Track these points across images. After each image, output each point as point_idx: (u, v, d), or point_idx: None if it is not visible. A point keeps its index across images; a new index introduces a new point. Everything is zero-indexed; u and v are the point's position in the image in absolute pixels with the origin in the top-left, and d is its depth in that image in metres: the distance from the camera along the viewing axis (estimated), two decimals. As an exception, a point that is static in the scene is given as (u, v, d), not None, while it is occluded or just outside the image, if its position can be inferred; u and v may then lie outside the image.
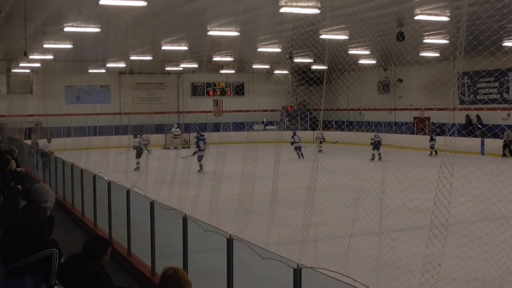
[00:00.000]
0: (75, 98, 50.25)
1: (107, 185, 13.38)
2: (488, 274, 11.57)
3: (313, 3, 19.91)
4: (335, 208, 18.36)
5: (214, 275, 8.92)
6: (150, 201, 10.22)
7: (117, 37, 25.28)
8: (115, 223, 12.78)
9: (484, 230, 14.41)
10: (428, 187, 16.64)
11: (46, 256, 8.53)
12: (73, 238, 14.53)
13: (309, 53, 36.13)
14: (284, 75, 50.43)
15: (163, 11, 21.88)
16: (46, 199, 8.94)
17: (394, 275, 11.71)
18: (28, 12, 20.78)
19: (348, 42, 30.05)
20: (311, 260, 11.35)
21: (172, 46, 32.73)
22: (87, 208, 15.92)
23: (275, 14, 19.92)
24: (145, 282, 10.22)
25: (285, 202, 18.04)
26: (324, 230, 15.65)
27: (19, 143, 30.87)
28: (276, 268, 6.33)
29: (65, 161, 19.54)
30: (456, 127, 21.36)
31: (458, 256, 12.26)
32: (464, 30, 9.62)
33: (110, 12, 20.27)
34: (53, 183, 20.06)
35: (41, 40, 27.19)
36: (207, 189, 17.13)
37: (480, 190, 17.08)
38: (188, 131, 47.97)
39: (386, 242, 12.50)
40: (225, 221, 15.23)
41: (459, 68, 27.31)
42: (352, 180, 17.29)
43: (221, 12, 22.86)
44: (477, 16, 18.40)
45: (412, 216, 16.40)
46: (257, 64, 43.84)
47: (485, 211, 16.57)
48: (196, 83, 54.27)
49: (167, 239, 10.93)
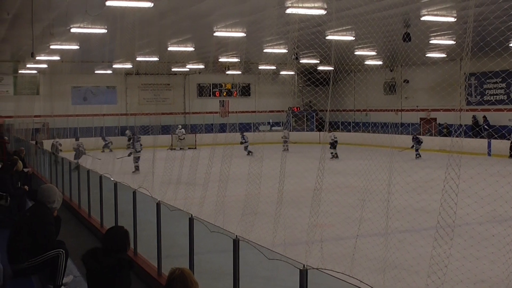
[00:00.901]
0: (81, 99, 50.33)
1: (113, 185, 13.39)
2: (495, 275, 11.54)
3: (319, 4, 19.91)
4: (341, 209, 18.35)
5: (221, 276, 8.92)
6: (157, 201, 10.22)
7: (123, 38, 25.30)
8: (122, 223, 12.73)
9: (491, 232, 14.40)
10: (434, 188, 16.63)
11: (53, 257, 8.57)
12: (80, 238, 14.57)
13: (315, 54, 36.08)
14: (290, 76, 50.40)
15: (170, 12, 21.89)
16: (54, 199, 8.97)
17: (400, 276, 11.69)
18: (35, 13, 20.82)
19: (355, 43, 30.03)
20: (317, 261, 11.34)
21: (178, 47, 32.75)
22: (94, 208, 15.93)
23: (281, 15, 19.92)
24: (151, 283, 10.23)
25: (291, 203, 18.04)
26: (330, 231, 15.63)
27: (26, 144, 30.92)
28: (282, 269, 6.33)
29: (72, 161, 19.59)
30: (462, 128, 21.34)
31: (464, 257, 12.24)
32: (471, 31, 9.60)
33: (117, 13, 20.28)
34: (60, 184, 20.10)
35: (48, 41, 27.25)
36: (213, 190, 17.13)
37: (487, 192, 17.05)
38: (194, 132, 48.00)
39: (392, 243, 12.47)
40: (231, 222, 15.24)
41: (465, 69, 27.33)
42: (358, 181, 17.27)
43: (227, 13, 22.87)
44: (484, 17, 18.37)
45: (419, 217, 16.38)
46: (263, 65, 43.82)
47: (492, 212, 16.55)
48: (202, 84, 54.32)
49: (174, 239, 10.93)
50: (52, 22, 23.37)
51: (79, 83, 48.95)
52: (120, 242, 6.85)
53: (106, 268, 6.55)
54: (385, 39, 28.07)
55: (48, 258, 8.56)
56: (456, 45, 29.94)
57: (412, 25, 25.45)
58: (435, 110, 43.99)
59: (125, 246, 6.89)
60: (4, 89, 47.55)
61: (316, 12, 20.37)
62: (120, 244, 6.83)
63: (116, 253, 6.69)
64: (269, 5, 19.35)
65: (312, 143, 46.01)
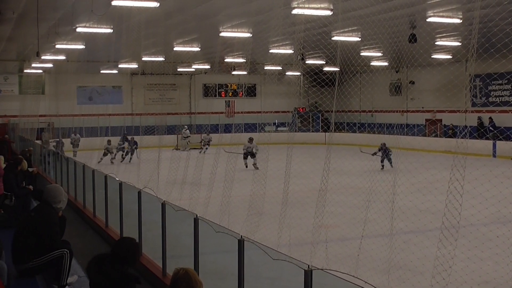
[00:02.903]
0: (87, 98, 50.41)
1: (118, 185, 13.41)
2: (499, 276, 11.53)
3: (325, 4, 19.91)
4: (346, 210, 18.35)
5: (225, 276, 8.94)
6: (162, 202, 10.23)
7: (129, 38, 25.36)
8: (127, 223, 12.81)
9: (495, 233, 14.38)
10: (439, 189, 16.60)
11: (57, 257, 8.58)
12: (85, 238, 14.61)
13: (321, 55, 36.10)
14: (296, 76, 50.47)
15: (176, 12, 21.91)
16: (59, 200, 8.98)
17: (405, 277, 11.69)
18: (41, 13, 20.87)
19: (360, 44, 30.03)
20: (322, 262, 11.34)
21: (184, 47, 32.77)
22: (99, 208, 15.96)
23: (287, 16, 19.91)
24: (156, 283, 10.25)
25: (296, 203, 18.04)
26: (335, 231, 15.64)
27: (31, 143, 30.97)
28: (287, 270, 6.33)
29: (77, 161, 19.61)
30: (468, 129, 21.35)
31: (469, 258, 12.23)
32: (476, 33, 9.59)
33: (123, 13, 20.33)
34: (65, 184, 20.14)
35: (54, 41, 27.29)
36: (218, 190, 17.13)
37: (492, 193, 17.04)
38: (200, 132, 48.02)
39: (397, 244, 12.46)
40: (236, 222, 15.23)
41: (471, 71, 27.27)
42: (364, 182, 17.28)
43: (233, 14, 22.89)
44: (489, 18, 18.35)
45: (424, 218, 16.37)
46: (269, 65, 43.84)
47: (497, 213, 16.53)
48: (208, 84, 54.35)
49: (178, 240, 10.95)
50: (58, 22, 23.40)
51: (84, 82, 48.99)
52: (129, 254, 6.70)
53: (111, 282, 6.42)
54: (391, 40, 28.05)
55: (53, 258, 8.57)
56: (462, 46, 29.91)
57: (418, 26, 25.44)
58: (440, 111, 43.98)
59: (134, 259, 6.80)
60: (9, 88, 47.67)
61: (322, 13, 20.37)
62: (130, 256, 6.70)
63: (123, 265, 6.57)
64: (275, 6, 19.32)
65: (318, 144, 45.97)
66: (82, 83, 48.80)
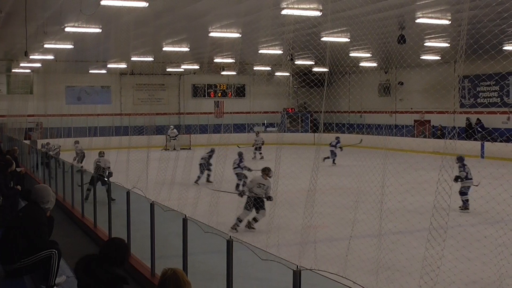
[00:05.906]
0: (75, 98, 50.24)
1: (107, 186, 13.39)
2: (487, 277, 11.57)
3: (314, 5, 19.93)
4: (335, 210, 18.37)
5: (214, 277, 8.93)
6: (150, 202, 10.22)
7: (118, 37, 25.29)
8: (115, 224, 12.79)
9: (483, 233, 14.44)
10: (428, 190, 16.63)
11: (45, 257, 8.54)
12: (73, 239, 14.57)
13: (310, 55, 36.16)
14: (285, 77, 50.49)
15: (165, 12, 21.87)
16: (47, 200, 8.93)
17: (393, 278, 11.72)
18: (29, 12, 20.77)
19: (349, 44, 30.07)
20: (311, 262, 11.36)
21: (173, 47, 32.70)
22: (87, 208, 15.93)
23: (277, 16, 19.94)
24: (144, 283, 10.24)
25: (285, 204, 18.06)
26: (324, 232, 15.65)
27: (19, 143, 30.87)
28: (275, 270, 6.33)
29: (65, 161, 19.56)
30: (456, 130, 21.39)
31: (457, 259, 12.27)
32: (465, 34, 9.63)
33: (111, 13, 20.28)
34: (53, 184, 20.07)
35: (42, 40, 27.22)
36: (207, 190, 17.13)
37: (479, 194, 17.10)
38: (188, 132, 47.96)
39: (385, 245, 12.49)
40: (225, 223, 15.25)
41: (459, 72, 27.36)
42: (352, 183, 17.32)
43: (222, 14, 22.86)
44: (478, 19, 18.39)
45: (412, 218, 16.41)
46: (258, 66, 43.86)
47: (484, 214, 16.60)
48: (197, 85, 54.30)
49: (167, 240, 10.94)
50: (46, 21, 23.31)
51: (73, 82, 48.87)
52: (119, 255, 6.60)
53: (99, 282, 6.35)
54: (380, 41, 28.16)
55: (41, 259, 8.53)
56: (450, 47, 30.02)
57: (407, 27, 25.50)
58: (429, 112, 44.08)
59: (123, 260, 6.76)
60: (-3, 88, 47.51)
61: (311, 13, 20.38)
62: (119, 257, 6.60)
63: (111, 266, 6.50)
64: (265, 6, 19.34)
65: (307, 144, 46.03)
66: (71, 83, 48.67)
